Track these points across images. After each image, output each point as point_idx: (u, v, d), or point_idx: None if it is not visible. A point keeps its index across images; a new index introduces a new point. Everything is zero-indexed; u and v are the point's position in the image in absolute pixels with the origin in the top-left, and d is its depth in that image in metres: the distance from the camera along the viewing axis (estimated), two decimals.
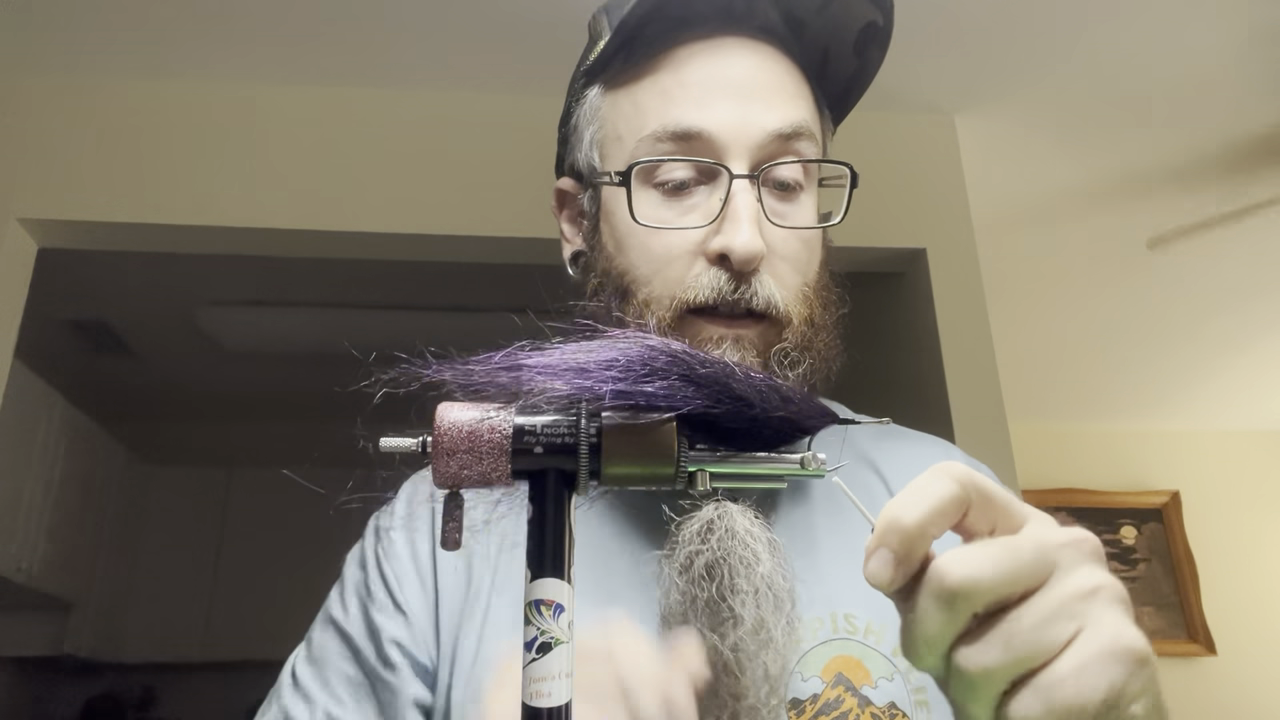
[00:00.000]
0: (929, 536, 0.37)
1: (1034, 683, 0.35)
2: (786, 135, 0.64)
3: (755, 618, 0.54)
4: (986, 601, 0.36)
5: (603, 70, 0.70)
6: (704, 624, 0.54)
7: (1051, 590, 0.36)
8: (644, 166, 0.64)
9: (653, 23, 0.67)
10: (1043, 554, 0.37)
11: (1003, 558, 0.36)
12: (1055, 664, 0.35)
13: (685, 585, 0.55)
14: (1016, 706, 0.35)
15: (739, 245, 0.60)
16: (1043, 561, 0.36)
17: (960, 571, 0.35)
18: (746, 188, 0.62)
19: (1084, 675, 0.34)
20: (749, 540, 0.56)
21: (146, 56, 1.97)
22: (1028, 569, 0.36)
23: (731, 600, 0.54)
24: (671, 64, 0.66)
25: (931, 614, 0.36)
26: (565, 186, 0.75)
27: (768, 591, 0.54)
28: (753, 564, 0.55)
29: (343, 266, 2.29)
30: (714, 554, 0.55)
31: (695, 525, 0.57)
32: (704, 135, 0.63)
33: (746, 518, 0.57)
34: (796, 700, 0.57)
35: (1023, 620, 0.35)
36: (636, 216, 0.63)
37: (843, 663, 0.59)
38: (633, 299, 0.64)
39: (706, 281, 0.62)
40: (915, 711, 0.58)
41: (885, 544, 0.37)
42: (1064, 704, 0.34)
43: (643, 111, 0.66)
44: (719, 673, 0.52)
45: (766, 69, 0.67)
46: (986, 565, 0.35)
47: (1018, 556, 0.36)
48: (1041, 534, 0.38)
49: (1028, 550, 0.36)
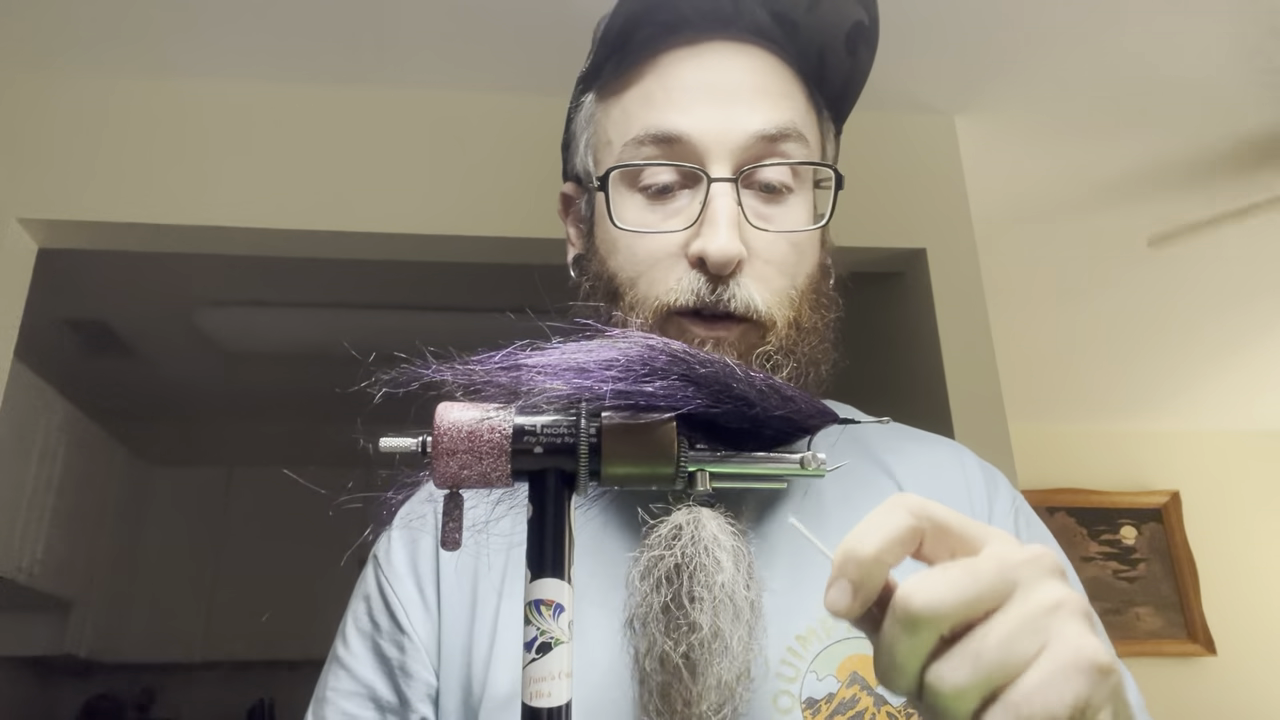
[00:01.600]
0: (885, 565, 0.38)
1: (1003, 699, 0.36)
2: (771, 137, 0.64)
3: (711, 626, 0.53)
4: (951, 623, 0.37)
5: (596, 76, 0.71)
6: (660, 629, 0.54)
7: (1013, 607, 0.37)
8: (628, 170, 0.65)
9: (641, 29, 0.67)
10: (1003, 573, 0.38)
11: (963, 580, 0.37)
12: (1022, 680, 0.36)
13: (646, 589, 0.55)
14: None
15: (714, 249, 0.61)
16: (1004, 580, 0.37)
17: (922, 597, 0.36)
18: (726, 191, 0.62)
19: (1050, 689, 0.35)
20: (713, 547, 0.55)
21: (146, 56, 1.97)
22: (989, 589, 0.37)
23: (689, 607, 0.54)
24: (657, 69, 0.66)
25: (900, 639, 0.37)
26: (568, 191, 0.76)
27: (727, 601, 0.54)
28: (713, 572, 0.54)
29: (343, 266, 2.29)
30: (676, 559, 0.55)
31: (665, 529, 0.56)
32: (685, 138, 0.63)
33: (717, 525, 0.56)
34: (812, 700, 0.58)
35: (989, 639, 0.36)
36: (616, 220, 0.64)
37: (858, 661, 0.59)
38: (621, 301, 0.65)
39: (686, 285, 0.62)
40: None
41: (843, 574, 0.38)
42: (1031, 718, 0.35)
43: (628, 116, 0.66)
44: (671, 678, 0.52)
45: (753, 70, 0.66)
46: (947, 589, 0.36)
47: (978, 578, 0.37)
48: (1001, 553, 0.39)
49: (988, 571, 0.37)
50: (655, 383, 0.42)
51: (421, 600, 0.65)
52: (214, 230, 1.97)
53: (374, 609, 0.67)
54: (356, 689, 0.64)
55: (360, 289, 2.84)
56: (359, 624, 0.67)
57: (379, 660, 0.65)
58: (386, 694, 0.64)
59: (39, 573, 3.11)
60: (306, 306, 2.95)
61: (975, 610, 0.37)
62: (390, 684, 0.64)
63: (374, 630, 0.66)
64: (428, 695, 0.63)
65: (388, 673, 0.64)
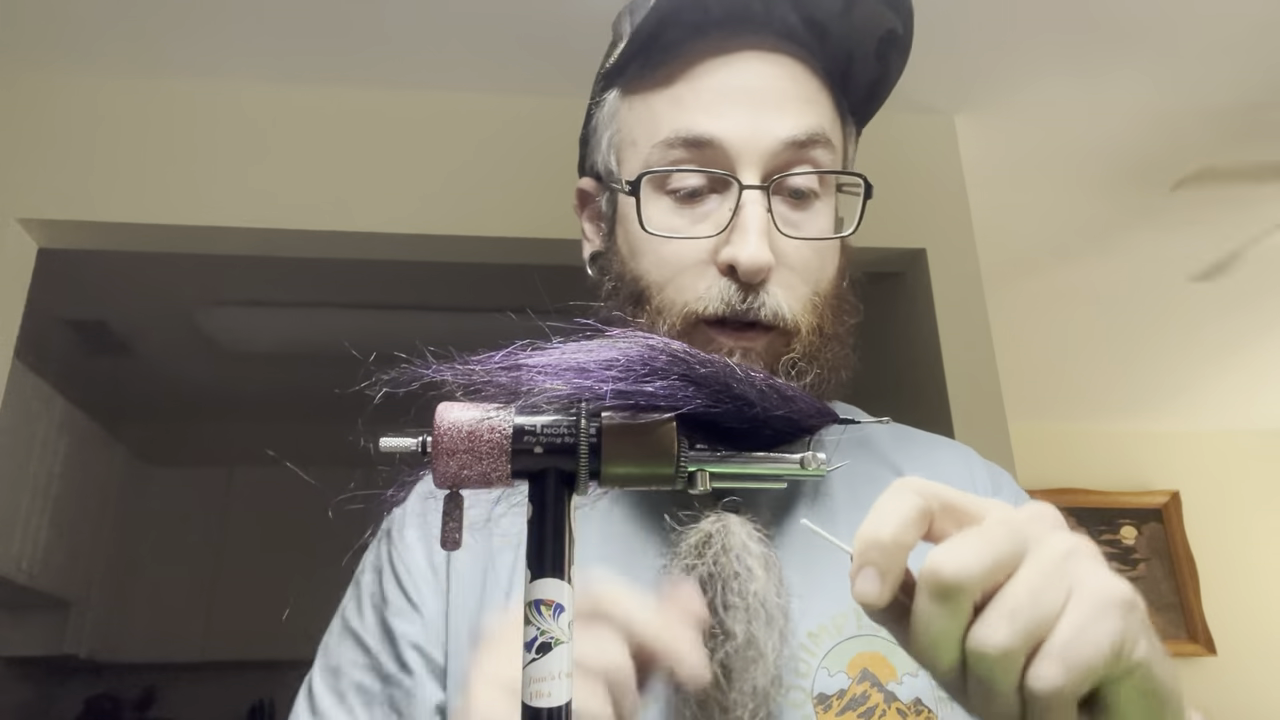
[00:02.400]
0: (905, 547, 0.39)
1: (1045, 651, 0.36)
2: (801, 143, 0.64)
3: (746, 634, 0.54)
4: (981, 588, 0.37)
5: (621, 74, 0.70)
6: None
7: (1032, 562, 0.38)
8: (656, 175, 0.64)
9: (670, 28, 0.66)
10: (1014, 532, 0.39)
11: (982, 544, 0.38)
12: (1059, 628, 0.36)
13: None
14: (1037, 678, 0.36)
15: (745, 258, 0.60)
16: (1017, 538, 0.38)
17: (951, 565, 0.37)
18: (756, 198, 0.62)
19: (1088, 631, 0.36)
20: (744, 556, 0.56)
21: (146, 56, 1.97)
22: (1007, 548, 0.38)
23: (723, 615, 0.54)
24: (687, 70, 0.66)
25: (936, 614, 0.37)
26: (586, 187, 0.75)
27: (760, 608, 0.55)
28: (746, 580, 0.55)
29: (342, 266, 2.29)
30: (708, 568, 0.55)
31: (694, 538, 0.57)
32: (716, 143, 0.63)
33: (745, 532, 0.57)
34: (823, 695, 0.58)
35: (1019, 595, 0.37)
36: (646, 226, 0.63)
37: (868, 659, 0.60)
38: (646, 305, 0.65)
39: (716, 293, 0.62)
40: (940, 707, 0.59)
41: (868, 561, 0.39)
42: (1079, 663, 0.36)
43: (656, 117, 0.66)
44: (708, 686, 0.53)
45: (783, 76, 0.66)
46: (972, 554, 0.37)
47: (994, 539, 0.38)
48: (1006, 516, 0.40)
49: (1000, 532, 0.38)
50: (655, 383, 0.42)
51: (433, 576, 0.65)
52: (214, 230, 1.97)
53: (384, 582, 0.67)
54: (368, 661, 0.64)
55: (360, 289, 2.84)
56: (372, 597, 0.67)
57: (385, 634, 0.65)
58: (392, 668, 0.63)
59: (39, 573, 3.11)
60: (306, 306, 2.96)
61: (999, 573, 0.37)
62: (395, 658, 0.63)
63: (383, 604, 0.66)
64: (431, 672, 0.63)
65: (394, 646, 0.64)
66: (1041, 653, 0.36)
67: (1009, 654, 0.36)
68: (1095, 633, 0.36)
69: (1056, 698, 0.36)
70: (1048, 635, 0.36)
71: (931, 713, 0.59)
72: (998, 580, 0.37)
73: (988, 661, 0.36)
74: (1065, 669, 0.36)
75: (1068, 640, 0.36)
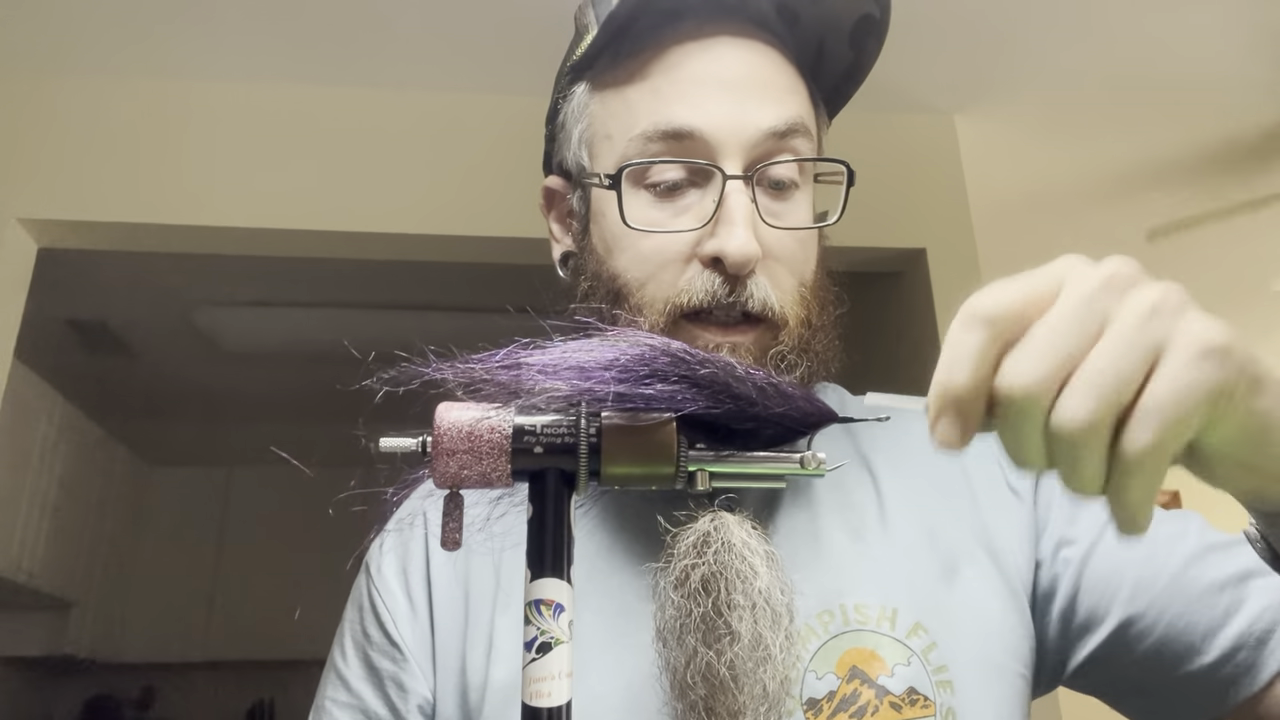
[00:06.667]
0: (981, 386, 0.37)
1: (1135, 413, 0.35)
2: (781, 133, 0.63)
3: (753, 633, 0.52)
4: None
5: (590, 66, 0.68)
6: (700, 640, 0.52)
7: (1112, 331, 0.36)
8: (634, 168, 0.62)
9: (642, 16, 0.65)
10: (1088, 306, 0.37)
11: (1043, 344, 0.36)
12: (1149, 388, 0.35)
13: (680, 600, 0.53)
14: (1129, 443, 0.35)
15: (733, 249, 0.59)
16: (1095, 309, 0.36)
17: (1021, 379, 0.36)
18: (740, 189, 0.61)
19: (1178, 389, 0.35)
20: (746, 554, 0.54)
21: (146, 56, 1.97)
22: (1079, 329, 0.36)
23: (728, 615, 0.52)
24: (662, 60, 0.64)
25: (1017, 425, 0.36)
26: (553, 185, 0.72)
27: (765, 606, 0.53)
28: (750, 578, 0.53)
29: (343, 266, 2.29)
30: (710, 568, 0.53)
31: (691, 538, 0.55)
32: (696, 134, 0.61)
33: (744, 529, 0.55)
34: (813, 700, 0.56)
35: (1099, 361, 0.35)
36: (628, 220, 0.62)
37: (856, 655, 0.58)
38: (625, 303, 0.63)
39: (700, 285, 0.60)
40: (937, 692, 0.57)
41: (945, 409, 0.38)
42: (1170, 420, 0.34)
43: (633, 109, 0.64)
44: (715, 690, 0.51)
45: (760, 64, 0.65)
46: (1038, 358, 0.36)
47: (1056, 332, 0.36)
48: (1074, 279, 0.38)
49: (1066, 316, 0.37)
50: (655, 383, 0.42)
51: (411, 611, 0.65)
52: (214, 230, 1.97)
53: (365, 620, 0.67)
54: (350, 700, 0.64)
55: (360, 289, 2.83)
56: (354, 634, 0.67)
57: (370, 672, 0.65)
58: (378, 707, 0.63)
59: (39, 573, 3.11)
60: (306, 306, 2.95)
61: (1078, 357, 0.36)
62: (382, 697, 0.64)
63: (366, 642, 0.66)
64: (420, 708, 0.62)
65: (379, 685, 0.64)
66: (1132, 418, 0.35)
67: (1094, 427, 0.35)
68: (1185, 388, 0.34)
69: (1149, 456, 0.35)
70: (1136, 399, 0.35)
71: (928, 700, 0.57)
72: (1076, 362, 0.36)
73: (1070, 441, 0.35)
74: (1160, 426, 0.34)
75: (1159, 401, 0.34)
